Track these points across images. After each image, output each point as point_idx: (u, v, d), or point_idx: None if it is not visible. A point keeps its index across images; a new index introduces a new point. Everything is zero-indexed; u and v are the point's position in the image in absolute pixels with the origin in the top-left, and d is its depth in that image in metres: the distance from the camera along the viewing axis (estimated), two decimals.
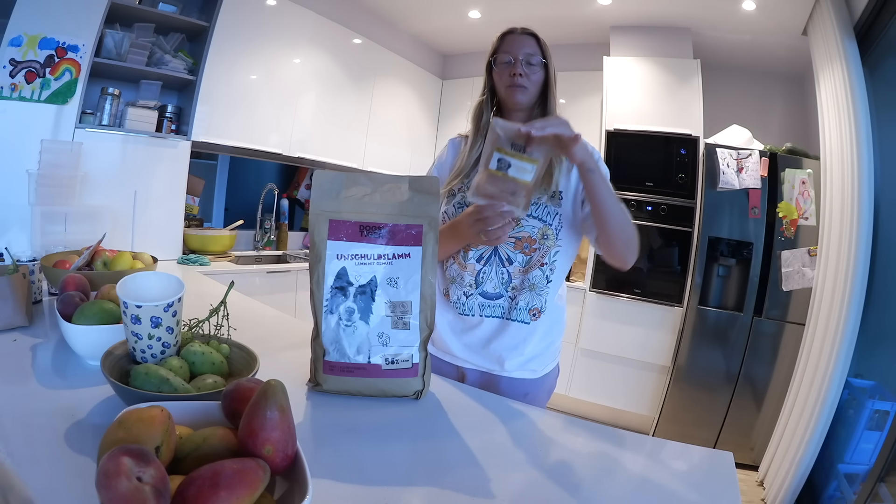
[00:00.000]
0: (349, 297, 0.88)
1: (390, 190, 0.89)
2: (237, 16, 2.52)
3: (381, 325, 0.88)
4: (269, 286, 2.56)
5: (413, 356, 0.88)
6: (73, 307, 0.94)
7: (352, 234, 0.88)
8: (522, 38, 1.11)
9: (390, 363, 0.87)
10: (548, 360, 1.14)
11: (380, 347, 0.87)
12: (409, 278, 0.88)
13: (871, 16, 2.18)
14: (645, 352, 2.95)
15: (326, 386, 0.89)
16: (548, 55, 1.11)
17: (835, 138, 2.26)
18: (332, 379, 0.88)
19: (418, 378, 0.89)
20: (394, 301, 0.88)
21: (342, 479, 0.64)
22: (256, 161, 3.32)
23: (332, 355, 0.88)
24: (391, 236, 0.88)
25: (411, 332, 0.88)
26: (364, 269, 0.88)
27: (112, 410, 0.72)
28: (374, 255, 0.88)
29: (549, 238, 1.07)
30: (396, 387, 0.89)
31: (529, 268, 1.07)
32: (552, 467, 0.75)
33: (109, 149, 2.20)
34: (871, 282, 2.06)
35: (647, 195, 2.98)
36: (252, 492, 0.43)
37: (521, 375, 1.11)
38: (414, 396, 0.90)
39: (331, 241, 0.88)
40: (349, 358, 0.87)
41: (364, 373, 0.88)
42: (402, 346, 0.88)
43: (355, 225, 0.88)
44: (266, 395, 0.51)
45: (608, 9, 3.05)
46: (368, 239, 0.88)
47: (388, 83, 3.61)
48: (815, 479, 2.13)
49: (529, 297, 1.08)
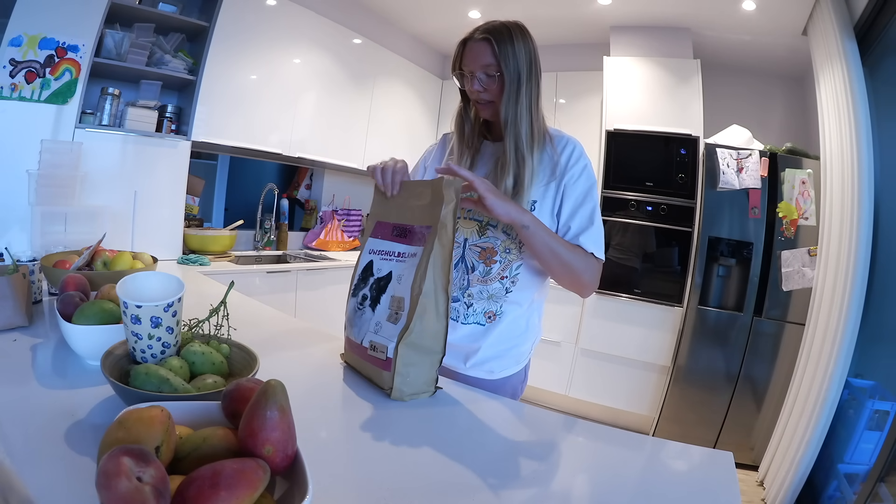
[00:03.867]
0: (367, 285, 0.99)
1: (421, 194, 0.97)
2: (237, 16, 2.52)
3: (380, 315, 0.93)
4: (269, 286, 2.55)
5: (388, 349, 0.89)
6: (73, 307, 0.94)
7: (386, 233, 1.01)
8: (478, 48, 1.02)
9: (372, 349, 0.92)
10: (507, 363, 1.11)
11: (371, 334, 0.94)
12: (409, 276, 0.90)
13: (871, 16, 2.18)
14: (645, 352, 2.95)
15: (346, 358, 1.04)
16: (503, 61, 1.01)
17: (835, 138, 2.26)
18: (347, 353, 1.03)
19: (389, 374, 0.88)
20: (395, 296, 0.92)
21: (344, 475, 0.64)
22: (256, 161, 3.32)
23: (347, 331, 1.02)
24: (410, 236, 0.95)
25: (396, 326, 0.89)
26: (385, 264, 0.98)
27: (112, 410, 0.72)
28: (395, 252, 0.97)
29: (510, 252, 1.06)
30: (374, 374, 0.93)
31: (489, 279, 1.07)
32: (551, 467, 0.75)
33: (109, 149, 2.20)
34: (871, 282, 2.06)
35: (647, 195, 2.98)
36: (252, 492, 0.43)
37: (478, 375, 1.10)
38: (387, 392, 0.89)
39: (371, 238, 1.03)
40: (353, 336, 0.98)
41: (360, 353, 0.96)
42: (385, 337, 0.90)
43: (390, 226, 1.01)
44: (266, 395, 0.51)
45: (608, 9, 3.05)
46: (396, 238, 0.98)
47: (388, 83, 3.61)
48: (815, 479, 2.13)
49: (486, 303, 1.08)
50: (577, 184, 1.06)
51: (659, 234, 2.97)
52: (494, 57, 1.02)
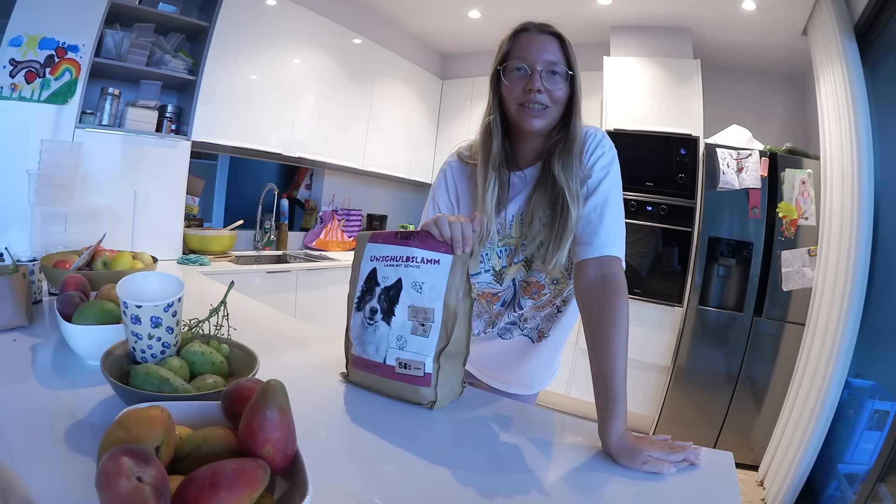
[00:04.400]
0: (374, 297, 0.90)
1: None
2: (237, 16, 2.52)
3: (402, 329, 0.87)
4: (269, 286, 2.55)
5: (426, 365, 0.85)
6: (73, 307, 0.94)
7: (387, 237, 0.91)
8: (542, 40, 0.88)
9: (403, 367, 0.86)
10: (545, 376, 1.14)
11: (396, 350, 0.87)
12: (435, 286, 0.85)
13: (871, 16, 2.18)
14: (645, 352, 2.95)
15: (352, 378, 0.95)
16: (574, 64, 0.89)
17: (835, 138, 2.26)
18: (356, 372, 0.94)
19: (431, 389, 0.86)
20: (416, 306, 0.86)
21: (349, 479, 0.64)
22: (256, 161, 3.32)
23: (356, 349, 0.93)
24: (423, 240, 0.87)
25: (428, 340, 0.85)
26: (390, 271, 0.89)
27: (112, 410, 0.72)
28: (403, 256, 0.88)
29: (559, 283, 1.01)
30: (409, 392, 0.87)
31: (540, 307, 1.05)
32: (551, 467, 0.75)
33: (109, 149, 2.20)
34: (871, 282, 2.05)
35: (647, 195, 2.98)
36: (252, 492, 0.43)
37: (518, 392, 1.11)
38: (427, 406, 0.87)
39: (370, 244, 0.93)
40: (368, 354, 0.90)
41: (380, 371, 0.89)
42: (416, 352, 0.86)
43: (391, 232, 0.92)
44: (266, 395, 0.51)
45: (608, 9, 3.05)
46: (400, 241, 0.89)
47: (388, 83, 3.61)
48: (815, 479, 2.13)
49: (539, 321, 1.07)
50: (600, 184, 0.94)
51: (659, 234, 2.97)
52: (564, 55, 0.89)
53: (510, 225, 0.99)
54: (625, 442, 0.74)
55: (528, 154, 0.98)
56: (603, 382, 0.80)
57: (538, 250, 0.96)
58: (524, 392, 1.12)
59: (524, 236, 0.98)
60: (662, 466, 0.72)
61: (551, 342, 1.09)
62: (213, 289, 1.84)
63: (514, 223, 0.99)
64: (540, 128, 0.91)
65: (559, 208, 0.90)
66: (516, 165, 0.99)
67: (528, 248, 0.97)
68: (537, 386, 1.13)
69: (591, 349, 0.84)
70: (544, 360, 1.11)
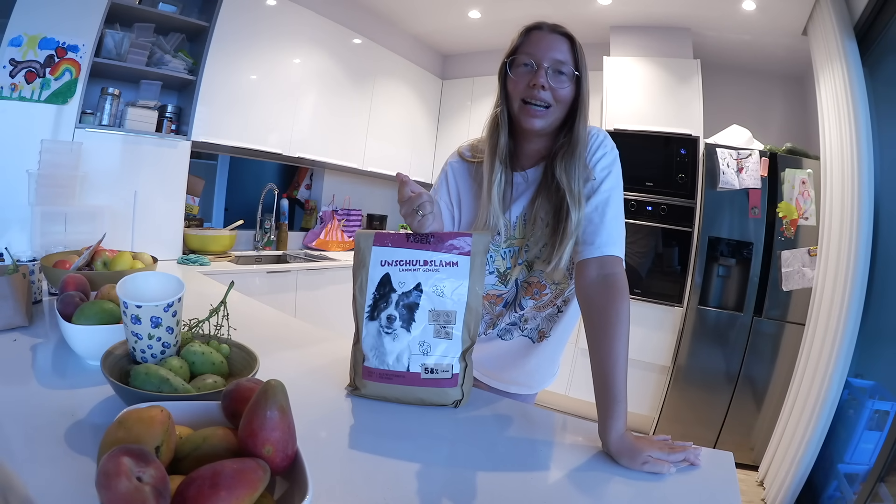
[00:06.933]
0: (391, 304, 0.86)
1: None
2: (237, 16, 2.52)
3: (423, 334, 0.86)
4: (269, 286, 2.55)
5: (454, 366, 0.86)
6: (73, 307, 0.94)
7: (398, 240, 0.87)
8: (552, 39, 0.89)
9: (430, 372, 0.85)
10: (545, 376, 1.14)
11: (420, 356, 0.86)
12: (456, 288, 0.85)
13: (871, 16, 2.18)
14: (645, 352, 2.95)
15: (365, 391, 0.89)
16: (583, 66, 0.90)
17: (835, 138, 2.26)
18: (371, 385, 0.88)
19: (457, 388, 0.87)
20: (437, 310, 0.85)
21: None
22: (256, 161, 3.32)
23: (371, 361, 0.87)
24: (439, 243, 0.86)
25: (453, 342, 0.86)
26: (408, 276, 0.86)
27: (112, 410, 0.72)
28: (420, 260, 0.86)
29: (560, 283, 1.01)
30: (435, 396, 0.87)
31: (541, 307, 1.05)
32: (551, 467, 0.76)
33: (109, 149, 2.20)
34: (871, 282, 2.05)
35: (647, 195, 2.98)
36: (252, 492, 0.43)
37: (518, 391, 1.11)
38: (453, 405, 0.88)
39: (376, 248, 0.87)
40: (388, 365, 0.86)
41: (403, 380, 0.86)
42: (442, 356, 0.86)
43: (402, 235, 0.88)
44: (266, 395, 0.51)
45: (608, 9, 3.05)
46: (414, 245, 0.87)
47: (388, 83, 3.61)
48: (815, 479, 2.13)
49: (540, 321, 1.07)
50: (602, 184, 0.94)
51: (659, 234, 2.97)
52: (573, 55, 0.89)
53: (514, 226, 0.99)
54: (625, 442, 0.75)
55: (531, 154, 0.98)
56: (603, 382, 0.80)
57: (541, 252, 0.97)
58: (524, 392, 1.12)
59: (528, 237, 0.98)
60: (662, 466, 0.72)
61: (552, 342, 1.09)
62: (213, 289, 1.84)
63: (517, 224, 0.99)
64: (539, 128, 0.91)
65: (562, 212, 0.91)
66: (519, 165, 1.00)
67: (532, 250, 0.98)
68: (537, 386, 1.14)
69: (592, 348, 0.84)
70: (545, 360, 1.11)
